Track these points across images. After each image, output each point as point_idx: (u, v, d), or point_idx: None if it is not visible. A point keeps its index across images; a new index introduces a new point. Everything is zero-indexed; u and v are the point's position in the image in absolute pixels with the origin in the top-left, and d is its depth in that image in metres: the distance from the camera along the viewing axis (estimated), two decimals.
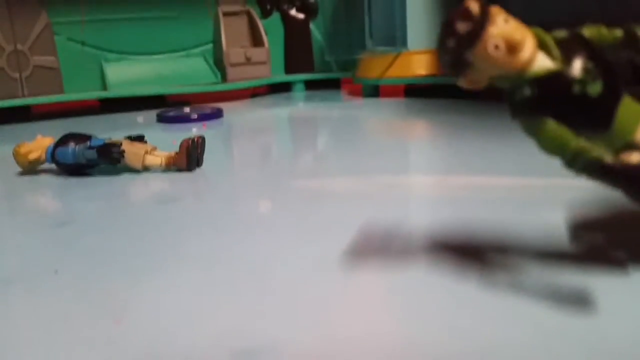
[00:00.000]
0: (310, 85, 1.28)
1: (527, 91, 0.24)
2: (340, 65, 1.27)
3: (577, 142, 0.23)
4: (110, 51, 1.11)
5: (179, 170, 0.55)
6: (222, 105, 1.02)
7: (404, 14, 1.02)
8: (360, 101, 1.08)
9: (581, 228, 0.34)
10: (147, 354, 0.23)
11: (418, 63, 1.03)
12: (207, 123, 0.88)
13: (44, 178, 0.57)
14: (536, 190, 0.43)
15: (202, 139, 0.57)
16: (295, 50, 1.28)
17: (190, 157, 0.55)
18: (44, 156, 0.57)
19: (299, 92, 1.26)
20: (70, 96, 1.03)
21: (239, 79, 1.15)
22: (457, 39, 0.23)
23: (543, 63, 0.24)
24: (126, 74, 1.09)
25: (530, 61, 0.23)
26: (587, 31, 0.25)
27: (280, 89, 1.27)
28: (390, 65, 1.05)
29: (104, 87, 1.08)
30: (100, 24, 1.09)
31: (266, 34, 1.20)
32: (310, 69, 1.28)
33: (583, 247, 0.31)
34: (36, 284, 0.31)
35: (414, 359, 0.22)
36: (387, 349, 0.23)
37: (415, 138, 0.73)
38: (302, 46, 1.28)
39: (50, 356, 0.24)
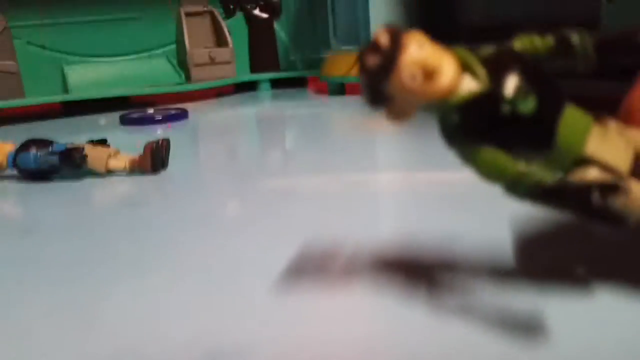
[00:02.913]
0: (276, 84, 1.28)
1: (455, 118, 0.22)
2: (305, 64, 1.27)
3: (516, 167, 0.22)
4: (72, 54, 1.09)
5: (144, 173, 0.55)
6: (187, 105, 1.01)
7: (367, 13, 1.03)
8: (326, 99, 1.08)
9: (537, 239, 0.32)
10: (117, 358, 0.23)
11: None
12: (171, 124, 0.87)
13: (5, 184, 0.56)
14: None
15: (167, 140, 0.56)
16: (260, 50, 1.28)
17: (154, 159, 0.54)
18: (5, 162, 0.56)
19: (264, 91, 1.26)
20: (31, 100, 1.01)
21: (204, 79, 1.14)
22: (370, 74, 0.22)
23: (467, 86, 0.22)
24: (88, 77, 1.08)
25: (451, 86, 0.21)
26: (518, 43, 0.23)
27: (246, 88, 1.26)
28: (355, 63, 1.06)
29: (66, 90, 1.06)
30: (60, 26, 1.07)
31: (230, 33, 1.19)
32: (275, 68, 1.28)
33: (544, 260, 0.29)
34: (0, 293, 0.31)
35: None
36: (363, 350, 0.23)
37: (381, 135, 0.74)
38: (267, 45, 1.28)
39: None
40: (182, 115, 0.92)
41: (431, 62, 0.21)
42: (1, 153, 0.56)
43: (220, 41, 1.19)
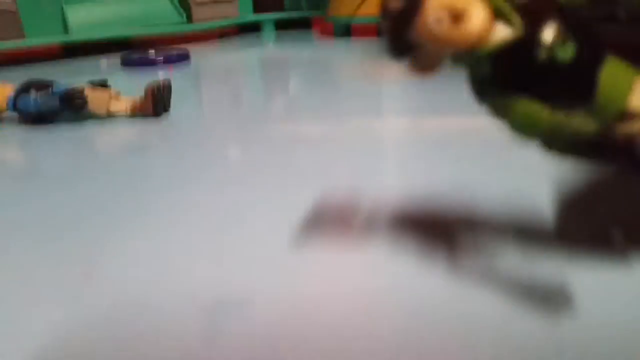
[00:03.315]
0: (280, 25, 1.25)
1: (487, 68, 0.21)
2: (311, 4, 1.24)
3: (553, 118, 0.20)
4: None
5: (145, 116, 0.54)
6: (188, 47, 0.99)
7: None
8: (332, 41, 1.05)
9: (571, 199, 0.30)
10: (117, 309, 0.23)
11: None
12: (173, 66, 0.86)
13: (6, 127, 0.55)
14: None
15: (168, 82, 0.55)
16: None
17: (156, 102, 0.53)
18: (4, 105, 0.55)
19: (268, 32, 1.23)
20: (30, 41, 0.99)
21: (206, 18, 1.12)
22: (392, 19, 0.20)
23: (501, 33, 0.20)
24: (88, 17, 1.05)
25: (482, 32, 0.20)
26: None
27: (249, 29, 1.24)
28: (363, 2, 1.03)
29: (66, 30, 1.04)
30: None
31: None
32: (280, 8, 1.25)
33: (573, 225, 0.27)
34: (1, 240, 0.30)
35: (382, 317, 0.22)
36: (355, 306, 0.23)
37: (387, 79, 0.72)
38: None
39: (16, 314, 0.23)
40: (184, 57, 0.90)
41: (459, 5, 0.19)
42: (1, 95, 0.55)
43: None
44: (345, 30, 1.09)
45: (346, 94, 0.63)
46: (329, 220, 0.29)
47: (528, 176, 0.32)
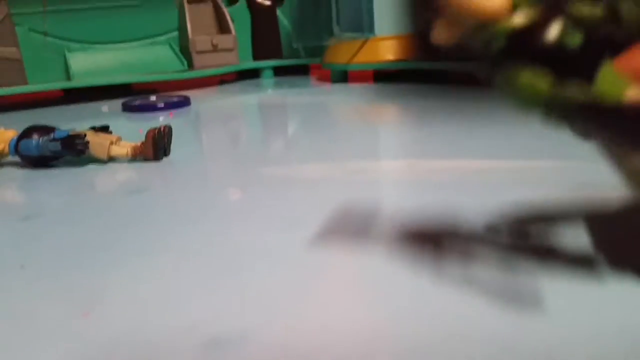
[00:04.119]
0: (278, 71, 1.27)
1: (502, 43, 0.23)
2: (308, 52, 1.27)
3: (554, 87, 0.22)
4: (74, 41, 1.08)
5: (146, 160, 0.55)
6: (189, 93, 1.01)
7: (371, 1, 1.02)
8: (329, 87, 1.08)
9: (553, 219, 0.32)
10: (115, 346, 0.23)
11: (386, 48, 1.03)
12: (174, 111, 0.87)
13: (7, 171, 0.56)
14: (505, 173, 0.43)
15: (169, 128, 0.56)
16: (262, 37, 1.27)
17: (157, 147, 0.54)
18: (7, 149, 0.56)
19: (267, 78, 1.25)
20: (34, 87, 1.01)
21: (206, 66, 1.14)
22: None
23: (519, 12, 0.22)
24: (90, 64, 1.08)
25: (503, 8, 0.22)
26: None
27: (249, 75, 1.26)
28: (358, 50, 1.05)
29: (68, 77, 1.06)
30: (62, 14, 1.07)
31: (232, 21, 1.19)
32: (278, 55, 1.28)
33: (553, 241, 0.30)
34: (2, 279, 0.31)
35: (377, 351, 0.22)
36: (353, 342, 0.23)
37: (384, 123, 0.74)
38: (270, 33, 1.27)
39: (17, 352, 0.23)
40: (185, 102, 0.92)
41: None
42: (3, 140, 0.56)
43: (223, 28, 1.19)
44: (342, 76, 1.11)
45: (343, 136, 0.64)
46: (325, 257, 0.30)
47: (514, 209, 0.33)
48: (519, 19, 0.22)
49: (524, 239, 0.30)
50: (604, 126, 0.22)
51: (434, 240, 0.30)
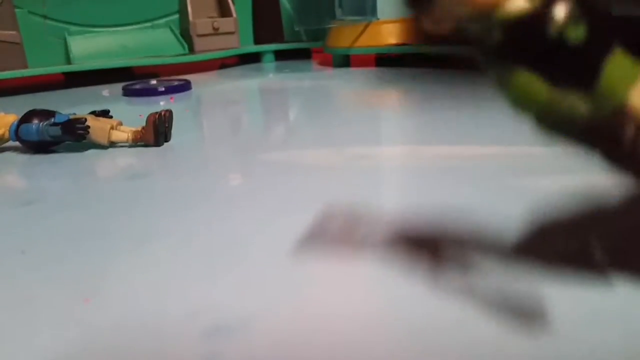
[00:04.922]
0: (280, 55, 1.26)
1: (497, 36, 0.21)
2: (310, 35, 1.26)
3: (550, 94, 0.20)
4: (74, 24, 1.08)
5: (147, 145, 0.55)
6: (190, 77, 1.00)
7: None
8: (330, 71, 1.07)
9: (557, 218, 0.30)
10: (117, 333, 0.23)
11: (388, 32, 1.03)
12: (174, 96, 0.87)
13: (8, 156, 0.55)
14: (509, 159, 0.43)
15: (170, 112, 0.56)
16: (264, 20, 1.26)
17: (157, 132, 0.54)
18: (7, 134, 0.55)
19: (268, 62, 1.25)
20: (34, 71, 1.00)
21: (207, 50, 1.13)
22: None
23: (516, 2, 0.20)
24: (91, 47, 1.07)
25: None
26: None
27: (250, 59, 1.25)
28: (361, 34, 1.05)
29: (68, 61, 1.05)
30: None
31: (234, 3, 1.18)
32: (279, 39, 1.27)
33: (557, 243, 0.28)
34: (3, 264, 0.30)
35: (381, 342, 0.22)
36: (355, 328, 0.23)
37: (386, 108, 0.73)
38: (271, 16, 1.26)
39: (17, 338, 0.23)
40: (185, 86, 0.91)
41: None
42: (3, 125, 0.55)
43: (224, 11, 1.18)
44: (344, 61, 1.10)
45: (345, 121, 0.63)
46: (326, 243, 0.30)
47: (518, 200, 0.33)
48: (519, 2, 0.20)
49: (527, 238, 0.29)
50: (597, 143, 0.20)
51: (433, 237, 0.30)
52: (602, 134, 0.20)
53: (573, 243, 0.27)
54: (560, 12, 0.20)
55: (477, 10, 0.20)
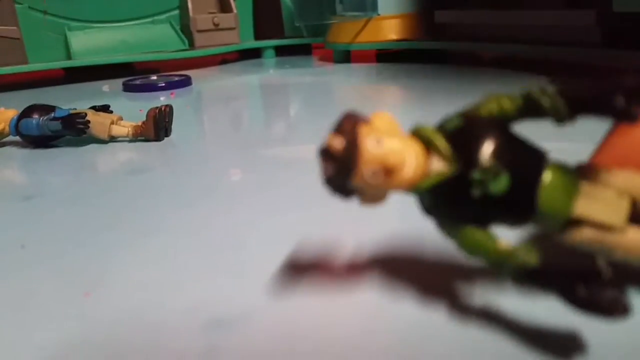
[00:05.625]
0: (280, 51, 1.26)
1: (429, 199, 0.21)
2: (310, 31, 1.26)
3: (498, 247, 0.20)
4: (74, 20, 1.07)
5: (147, 140, 0.55)
6: (190, 72, 1.00)
7: None
8: (331, 67, 1.07)
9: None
10: (118, 327, 0.23)
11: (389, 28, 1.03)
12: (175, 91, 0.87)
13: (8, 150, 0.55)
14: None
15: (170, 107, 0.56)
16: (264, 16, 1.26)
17: (158, 127, 0.54)
18: (7, 129, 0.55)
19: (269, 58, 1.25)
20: (34, 66, 1.00)
21: (207, 45, 1.13)
22: (330, 177, 0.21)
23: (435, 167, 0.20)
24: (91, 43, 1.07)
25: (415, 178, 0.20)
26: (486, 106, 0.21)
27: (250, 55, 1.25)
28: (361, 30, 1.05)
29: (69, 56, 1.05)
30: None
31: None
32: (280, 34, 1.27)
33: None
34: (3, 259, 0.30)
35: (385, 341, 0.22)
36: (357, 322, 0.23)
37: (387, 103, 0.73)
38: (272, 12, 1.26)
39: (17, 333, 0.23)
40: (186, 82, 0.91)
41: (390, 160, 0.19)
42: (3, 120, 0.55)
43: (224, 7, 1.18)
44: (345, 56, 1.10)
45: None
46: (327, 238, 0.30)
47: None
48: (437, 167, 0.20)
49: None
50: (552, 288, 0.19)
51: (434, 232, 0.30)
52: (555, 284, 0.19)
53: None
54: (477, 175, 0.19)
55: (399, 188, 0.21)
